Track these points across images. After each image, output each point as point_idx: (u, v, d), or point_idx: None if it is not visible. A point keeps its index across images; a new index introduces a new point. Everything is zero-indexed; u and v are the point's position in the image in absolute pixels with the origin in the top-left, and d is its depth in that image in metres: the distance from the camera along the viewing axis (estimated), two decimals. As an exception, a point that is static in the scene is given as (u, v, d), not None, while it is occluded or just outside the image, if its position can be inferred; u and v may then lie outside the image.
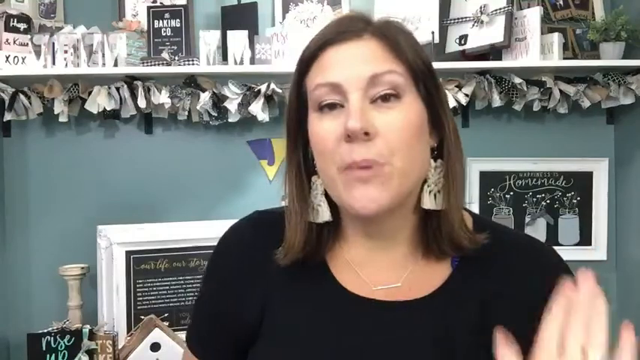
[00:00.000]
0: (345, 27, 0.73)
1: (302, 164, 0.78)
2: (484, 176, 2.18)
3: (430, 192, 0.75)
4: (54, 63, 1.92)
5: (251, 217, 0.88)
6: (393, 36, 0.73)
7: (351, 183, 0.70)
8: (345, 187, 0.71)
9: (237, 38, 1.95)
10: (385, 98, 0.71)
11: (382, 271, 0.78)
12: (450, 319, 0.74)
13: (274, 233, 0.80)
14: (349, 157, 0.69)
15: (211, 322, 0.84)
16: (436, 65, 0.81)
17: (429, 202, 0.75)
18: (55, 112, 1.98)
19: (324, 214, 0.77)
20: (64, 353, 1.82)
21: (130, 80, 1.98)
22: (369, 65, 0.70)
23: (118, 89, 1.98)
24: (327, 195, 0.76)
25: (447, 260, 0.77)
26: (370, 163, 0.69)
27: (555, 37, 1.97)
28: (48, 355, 1.81)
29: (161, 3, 2.09)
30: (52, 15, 2.09)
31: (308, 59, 0.75)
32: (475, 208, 2.18)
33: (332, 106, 0.72)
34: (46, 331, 1.84)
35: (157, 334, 1.84)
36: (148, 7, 2.03)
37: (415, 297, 0.75)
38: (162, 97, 1.97)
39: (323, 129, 0.72)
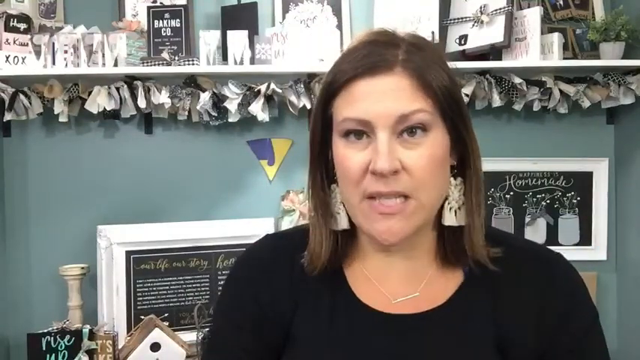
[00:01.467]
0: (377, 57, 0.72)
1: (324, 175, 0.80)
2: (484, 176, 2.17)
3: (451, 209, 0.78)
4: (54, 63, 1.92)
5: (263, 239, 0.90)
6: (424, 71, 0.72)
7: (373, 215, 0.72)
8: (367, 218, 0.73)
9: (237, 38, 1.95)
10: (412, 132, 0.72)
11: (401, 283, 0.80)
12: (466, 325, 0.76)
13: (288, 252, 0.83)
14: (374, 189, 0.71)
15: (242, 332, 0.83)
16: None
17: (449, 219, 0.77)
18: (55, 112, 1.98)
19: (343, 222, 0.79)
20: (64, 353, 1.82)
21: (130, 80, 1.98)
22: (399, 103, 0.70)
23: (118, 89, 1.97)
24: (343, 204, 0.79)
25: (458, 269, 0.80)
26: (396, 195, 0.71)
27: (555, 37, 1.97)
28: (48, 355, 1.81)
29: (161, 3, 2.09)
30: (52, 15, 2.09)
31: (337, 87, 0.74)
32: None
33: (358, 134, 0.73)
34: (46, 331, 1.84)
35: (156, 334, 1.84)
36: (148, 7, 2.03)
37: (432, 306, 0.78)
38: (162, 97, 1.97)
39: (349, 159, 0.73)
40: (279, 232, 0.93)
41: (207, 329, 0.92)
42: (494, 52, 2.00)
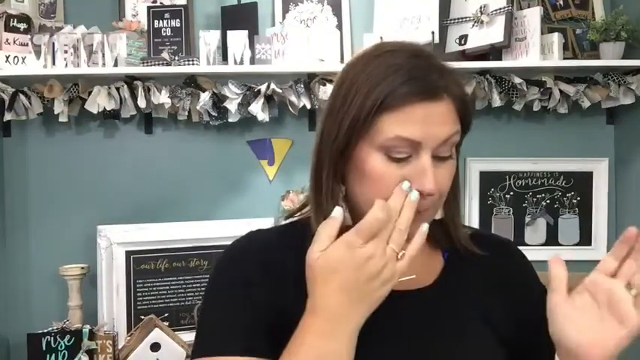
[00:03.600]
0: (430, 84, 0.76)
1: (331, 172, 0.81)
2: (484, 176, 2.18)
3: None
4: (54, 63, 1.92)
5: (247, 234, 0.90)
6: (461, 98, 0.79)
7: None
8: None
9: (237, 38, 1.95)
10: (444, 157, 0.79)
11: None
12: (455, 302, 0.85)
13: (270, 247, 0.86)
14: None
15: (244, 317, 0.81)
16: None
17: (439, 213, 0.85)
18: (55, 112, 1.98)
19: (347, 219, 0.82)
20: (64, 353, 1.82)
21: (130, 80, 1.98)
22: (445, 127, 0.77)
23: (118, 89, 1.98)
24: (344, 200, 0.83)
25: (438, 254, 0.90)
26: (426, 209, 0.79)
27: (555, 37, 1.97)
28: (48, 355, 1.81)
29: (161, 3, 2.09)
30: (52, 15, 2.09)
31: (392, 105, 0.75)
32: (475, 208, 2.18)
33: (400, 152, 0.77)
34: (46, 331, 1.84)
35: (156, 334, 1.84)
36: (148, 7, 2.03)
37: (420, 286, 0.85)
38: (162, 97, 1.97)
39: (389, 175, 0.77)
40: (265, 228, 0.93)
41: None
42: (494, 52, 2.00)
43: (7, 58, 1.96)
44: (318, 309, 0.73)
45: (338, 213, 0.76)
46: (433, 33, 1.97)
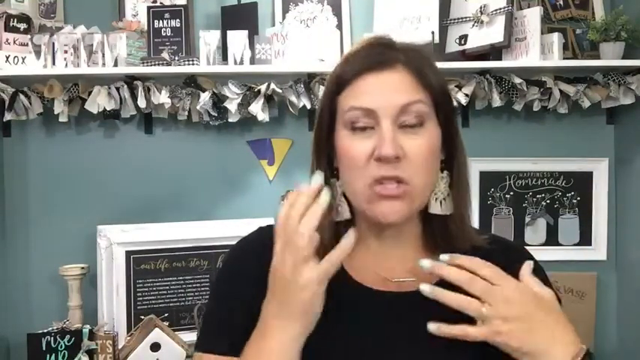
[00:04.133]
0: (381, 56, 0.81)
1: (327, 169, 0.85)
2: (484, 176, 2.17)
3: (437, 199, 0.85)
4: (54, 63, 1.92)
5: (255, 231, 0.93)
6: (421, 68, 0.81)
7: (377, 198, 0.79)
8: (372, 200, 0.80)
9: (237, 38, 1.95)
10: (412, 124, 0.80)
11: (393, 268, 0.87)
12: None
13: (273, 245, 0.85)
14: (378, 174, 0.78)
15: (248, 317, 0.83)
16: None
17: (435, 208, 0.85)
18: (55, 112, 1.98)
19: (345, 213, 0.85)
20: (64, 353, 1.82)
21: (130, 80, 1.99)
22: (401, 94, 0.79)
23: (118, 89, 1.98)
24: (344, 196, 0.84)
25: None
26: (398, 179, 0.78)
27: (555, 37, 1.97)
28: (48, 355, 1.81)
29: (161, 3, 2.09)
30: (52, 15, 2.09)
31: (344, 82, 0.82)
32: (475, 208, 2.18)
33: (363, 126, 0.80)
34: (46, 331, 1.84)
35: (156, 334, 1.84)
36: (148, 7, 2.03)
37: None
38: (162, 97, 1.97)
39: (354, 148, 0.80)
40: (269, 225, 0.93)
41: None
42: (494, 52, 2.00)
43: (7, 58, 1.96)
44: (261, 318, 0.78)
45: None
46: (433, 33, 1.98)
